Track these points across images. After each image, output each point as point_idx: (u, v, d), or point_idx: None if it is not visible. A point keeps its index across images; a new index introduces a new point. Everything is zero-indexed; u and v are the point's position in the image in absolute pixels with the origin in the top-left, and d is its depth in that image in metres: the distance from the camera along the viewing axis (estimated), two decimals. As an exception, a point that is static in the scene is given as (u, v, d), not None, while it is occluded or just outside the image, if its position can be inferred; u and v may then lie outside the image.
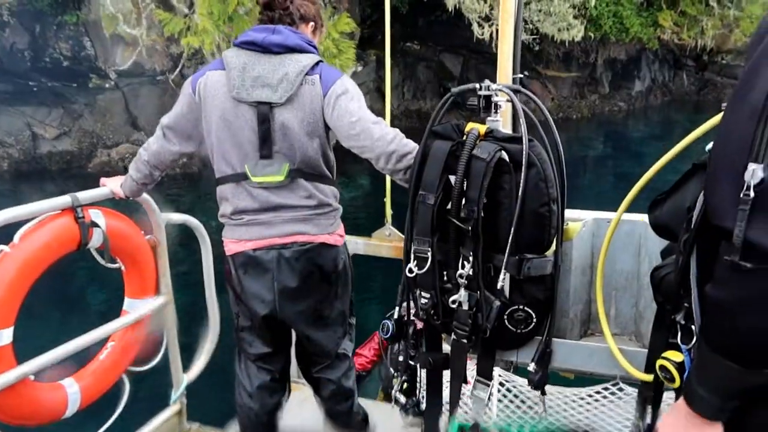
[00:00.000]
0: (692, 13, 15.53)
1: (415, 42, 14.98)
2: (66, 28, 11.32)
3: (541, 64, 15.92)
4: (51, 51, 11.51)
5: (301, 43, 1.92)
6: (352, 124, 1.86)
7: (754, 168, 0.86)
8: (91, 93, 11.93)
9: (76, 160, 12.06)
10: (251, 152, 1.92)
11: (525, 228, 1.60)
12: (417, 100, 15.08)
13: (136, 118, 12.31)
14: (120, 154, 11.88)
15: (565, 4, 12.57)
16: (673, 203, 1.43)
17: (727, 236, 0.90)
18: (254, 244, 1.99)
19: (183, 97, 2.00)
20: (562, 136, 1.70)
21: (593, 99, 17.34)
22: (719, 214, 0.93)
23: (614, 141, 15.52)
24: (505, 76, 2.47)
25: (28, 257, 1.86)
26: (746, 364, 0.93)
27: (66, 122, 12.13)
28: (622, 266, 2.01)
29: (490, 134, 1.68)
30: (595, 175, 12.76)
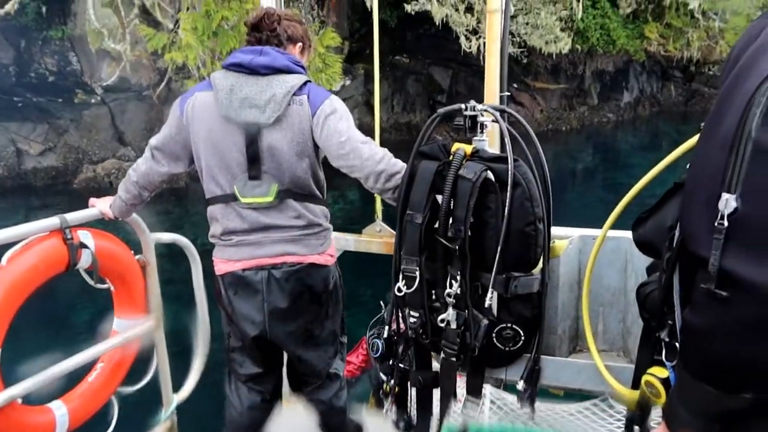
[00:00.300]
0: (678, 25, 15.84)
1: (404, 55, 15.13)
2: (51, 43, 11.34)
3: (529, 76, 16.13)
4: (36, 66, 11.50)
5: (289, 63, 1.95)
6: (341, 144, 1.89)
7: (727, 198, 0.88)
8: (76, 108, 11.92)
9: (61, 175, 12.00)
10: (240, 173, 1.94)
11: (511, 247, 1.64)
12: (407, 113, 15.19)
13: (123, 134, 12.29)
14: (106, 169, 11.84)
15: (552, 17, 12.78)
16: (656, 221, 1.48)
17: (703, 264, 0.91)
18: (243, 264, 2.00)
19: (171, 119, 2.02)
20: (551, 148, 1.76)
21: (582, 110, 17.57)
22: (695, 242, 0.95)
23: (603, 152, 15.71)
24: (493, 94, 2.51)
25: (15, 279, 1.85)
26: (723, 388, 0.95)
27: (51, 138, 12.09)
28: (609, 282, 2.05)
29: (476, 154, 1.73)
30: (584, 187, 12.91)
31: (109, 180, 11.72)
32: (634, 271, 1.97)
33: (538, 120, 16.60)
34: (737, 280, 0.87)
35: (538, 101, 16.92)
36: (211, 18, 8.42)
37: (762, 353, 0.88)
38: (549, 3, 12.95)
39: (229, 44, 8.51)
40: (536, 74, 16.24)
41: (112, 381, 2.31)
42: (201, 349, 2.63)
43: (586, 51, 15.14)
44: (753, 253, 0.86)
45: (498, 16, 2.38)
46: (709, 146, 0.97)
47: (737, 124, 0.90)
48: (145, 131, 12.25)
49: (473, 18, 11.96)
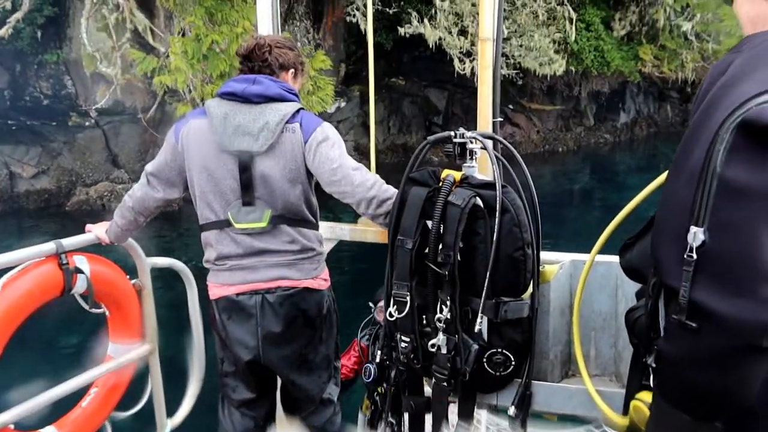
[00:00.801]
0: (672, 47, 16.12)
1: (399, 77, 15.33)
2: (47, 67, 11.49)
3: (525, 97, 16.34)
4: (31, 90, 11.64)
5: (282, 92, 2.01)
6: (333, 170, 1.95)
7: (695, 231, 0.91)
8: (70, 131, 12.02)
9: (54, 198, 12.04)
10: (233, 200, 1.99)
11: (501, 272, 1.68)
12: (403, 134, 15.33)
13: (117, 156, 12.37)
14: (98, 192, 11.88)
15: (545, 39, 12.99)
16: (641, 247, 1.51)
17: (673, 294, 0.95)
18: (237, 289, 2.04)
19: (167, 146, 2.08)
20: (547, 169, 1.80)
21: (579, 131, 17.75)
22: (665, 273, 0.99)
23: (600, 173, 15.83)
24: (486, 120, 2.56)
25: (10, 305, 1.89)
26: (696, 416, 0.98)
27: (44, 161, 12.15)
28: (599, 307, 2.08)
29: (466, 181, 1.78)
30: (581, 208, 12.96)
31: (101, 203, 11.76)
32: (625, 295, 2.00)
33: (535, 141, 16.77)
34: (707, 311, 0.90)
35: (534, 122, 17.11)
36: (201, 42, 8.55)
37: (731, 382, 0.91)
38: (542, 25, 13.18)
39: (219, 67, 8.64)
40: (532, 95, 16.46)
41: (105, 406, 2.33)
42: (196, 374, 2.64)
43: (581, 72, 15.36)
44: (721, 285, 0.89)
45: (490, 45, 2.44)
46: (677, 180, 1.01)
47: (703, 159, 0.93)
48: (139, 153, 12.33)
49: (467, 41, 12.16)
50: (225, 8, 8.62)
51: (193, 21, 8.69)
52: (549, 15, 13.20)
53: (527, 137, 16.67)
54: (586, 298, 2.02)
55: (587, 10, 14.74)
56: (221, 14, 8.60)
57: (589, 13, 14.74)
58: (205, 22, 8.60)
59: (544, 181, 13.81)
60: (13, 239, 10.01)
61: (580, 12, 14.57)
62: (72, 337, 6.63)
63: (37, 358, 6.02)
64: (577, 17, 14.18)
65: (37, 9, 10.67)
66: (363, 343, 2.96)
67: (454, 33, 12.06)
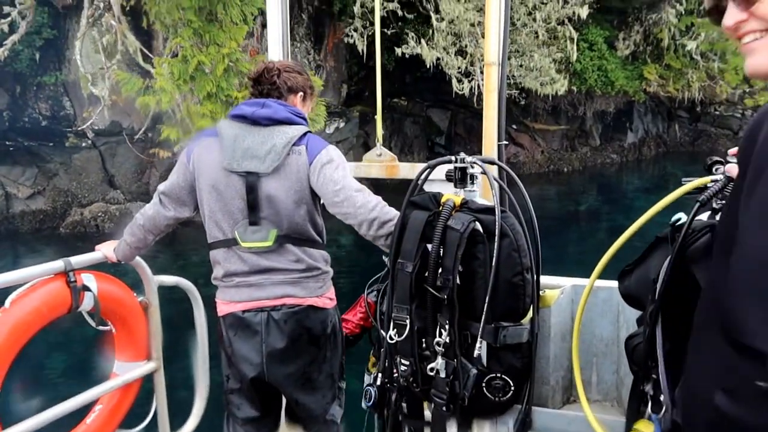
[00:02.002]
0: (677, 66, 16.33)
1: (402, 98, 15.54)
2: (46, 88, 11.71)
3: (528, 117, 16.51)
4: (30, 111, 11.85)
5: (290, 115, 2.11)
6: (335, 192, 2.03)
7: None
8: (66, 152, 12.18)
9: (49, 219, 12.15)
10: (240, 219, 2.08)
11: (500, 297, 1.72)
12: (405, 155, 15.47)
13: (113, 177, 12.50)
14: (92, 212, 11.99)
15: (545, 59, 13.17)
16: (640, 274, 1.56)
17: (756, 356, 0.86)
18: (243, 306, 2.11)
19: (179, 166, 2.18)
20: (552, 190, 1.86)
21: (584, 151, 17.87)
22: (745, 332, 0.90)
23: (607, 194, 15.87)
24: (491, 144, 2.58)
25: (17, 322, 1.95)
26: None
27: (40, 181, 12.30)
28: (601, 332, 2.12)
29: (465, 205, 1.83)
30: (586, 229, 12.93)
31: (95, 224, 11.85)
32: (626, 321, 2.04)
33: (539, 161, 16.88)
34: None
35: (538, 142, 17.25)
36: (188, 62, 8.69)
37: None
38: (543, 45, 13.37)
39: (206, 88, 8.76)
40: (535, 115, 16.63)
41: (110, 423, 2.37)
42: (201, 392, 2.68)
43: (585, 92, 15.54)
44: None
45: (495, 69, 2.49)
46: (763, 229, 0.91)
47: None
48: (136, 174, 12.45)
49: (465, 60, 12.34)
50: (213, 29, 8.77)
51: (180, 42, 8.85)
52: (550, 35, 13.41)
53: (531, 157, 16.80)
54: (588, 323, 2.06)
55: (590, 30, 14.97)
56: (209, 35, 8.75)
57: (592, 33, 14.97)
58: (194, 44, 8.75)
59: (548, 202, 13.87)
60: (6, 260, 10.08)
61: (583, 32, 14.80)
62: (78, 354, 6.69)
63: (42, 374, 6.07)
64: (579, 37, 14.41)
65: (36, 31, 10.92)
66: (370, 299, 3.04)
67: (452, 53, 12.24)
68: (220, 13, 8.66)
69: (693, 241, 1.35)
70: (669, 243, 1.44)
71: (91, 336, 2.53)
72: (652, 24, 15.83)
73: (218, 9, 8.62)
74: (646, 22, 15.91)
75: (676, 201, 1.60)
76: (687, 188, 1.55)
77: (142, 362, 2.46)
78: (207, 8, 8.64)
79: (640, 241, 1.65)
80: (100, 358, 2.48)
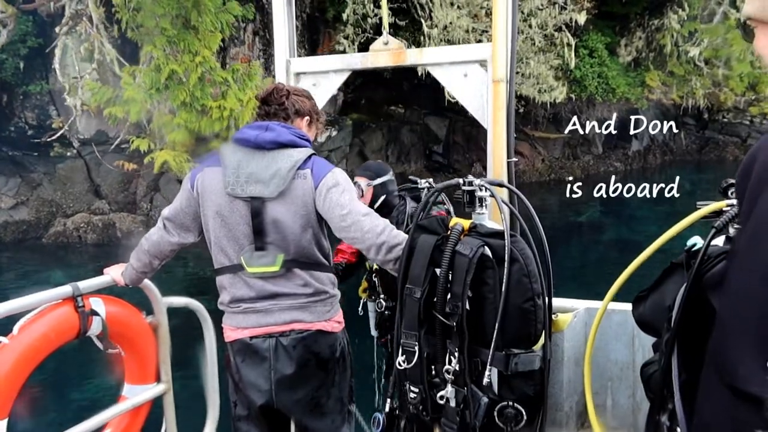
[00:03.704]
0: (680, 73, 16.48)
1: (399, 105, 15.62)
2: (32, 97, 11.74)
3: (528, 125, 16.60)
4: (17, 120, 11.88)
5: (294, 138, 2.13)
6: (342, 216, 2.05)
7: None
8: (51, 161, 12.17)
9: (33, 229, 12.13)
10: (246, 244, 2.10)
11: (510, 323, 1.74)
12: (401, 163, 15.53)
13: (99, 186, 12.49)
14: (75, 223, 11.97)
15: (542, 66, 13.25)
16: (654, 301, 1.58)
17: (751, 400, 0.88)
18: (251, 332, 2.14)
19: (182, 192, 2.21)
20: (553, 199, 1.88)
21: (587, 160, 17.96)
22: (743, 379, 0.91)
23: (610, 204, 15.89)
24: (500, 162, 2.61)
25: (25, 349, 1.99)
26: None
27: (24, 191, 12.28)
28: (616, 356, 2.14)
29: (474, 229, 1.86)
30: (588, 241, 12.94)
31: (78, 234, 11.83)
32: (642, 345, 2.06)
33: (539, 170, 16.96)
34: None
35: (539, 150, 17.35)
36: (160, 71, 8.70)
37: None
38: (540, 52, 13.46)
39: (180, 97, 8.77)
40: (536, 123, 16.72)
41: (119, 448, 2.38)
42: (211, 415, 2.70)
43: (586, 99, 15.64)
44: None
45: (503, 86, 2.53)
46: (751, 276, 0.94)
47: None
48: (122, 184, 12.44)
49: None
50: (188, 37, 8.79)
51: (152, 50, 8.87)
52: (547, 41, 13.51)
53: (532, 166, 16.88)
54: (602, 347, 2.09)
55: (590, 36, 15.10)
56: (184, 43, 8.76)
57: (593, 39, 15.10)
58: (168, 52, 8.77)
59: (549, 213, 13.90)
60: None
61: (583, 38, 14.93)
62: (87, 377, 6.72)
63: (51, 398, 6.08)
64: (579, 43, 14.53)
65: (21, 40, 10.96)
66: None
67: None
68: (194, 20, 8.67)
69: (709, 268, 1.37)
70: (684, 269, 1.46)
71: (99, 359, 2.56)
72: (654, 30, 16.00)
73: (193, 16, 8.63)
74: (649, 28, 16.08)
75: None
76: (703, 212, 1.57)
77: (152, 385, 2.50)
78: (182, 16, 8.67)
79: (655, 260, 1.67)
80: (109, 381, 2.51)
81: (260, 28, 11.40)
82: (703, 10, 15.62)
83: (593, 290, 2.14)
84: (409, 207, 3.46)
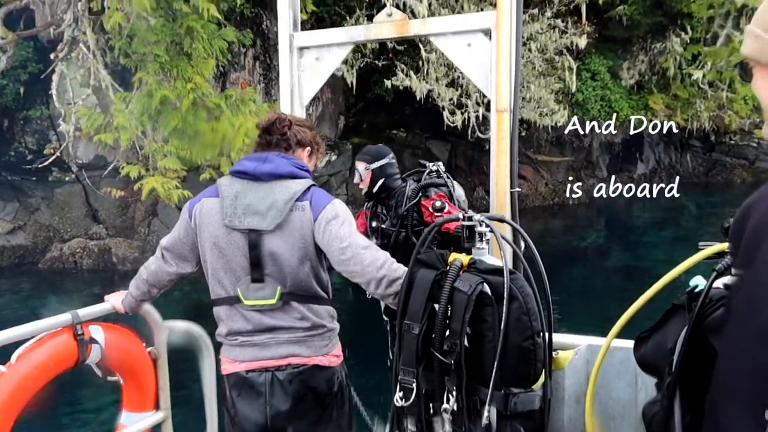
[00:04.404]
0: (684, 96, 16.60)
1: (401, 129, 15.74)
2: (33, 122, 11.90)
3: (531, 148, 16.67)
4: (17, 145, 12.02)
5: (293, 169, 2.15)
6: (342, 249, 2.05)
7: None
8: (49, 186, 12.26)
9: (29, 254, 12.16)
10: (243, 276, 2.11)
11: (509, 361, 1.74)
12: (403, 187, 15.57)
13: (97, 211, 12.54)
14: (71, 248, 11.98)
15: (542, 89, 13.35)
16: (656, 342, 1.58)
17: None
18: (247, 366, 2.14)
19: (180, 222, 2.23)
20: (557, 223, 1.88)
21: (591, 183, 17.98)
22: None
23: (614, 228, 15.84)
24: (503, 191, 2.60)
25: (23, 378, 2.00)
26: None
27: (21, 216, 12.34)
28: (618, 394, 2.12)
29: (473, 265, 1.86)
30: (592, 267, 12.80)
31: (74, 260, 11.84)
32: (644, 383, 2.04)
33: (543, 193, 16.99)
34: None
35: (542, 174, 17.40)
36: (152, 97, 8.79)
37: None
38: (540, 76, 13.58)
39: (172, 123, 8.83)
40: (538, 146, 16.79)
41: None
42: None
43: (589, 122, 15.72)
44: None
45: (507, 116, 2.52)
46: (746, 337, 0.93)
47: None
48: (120, 209, 12.49)
49: (456, 92, 12.52)
50: (181, 63, 8.90)
51: (144, 76, 8.97)
52: (547, 65, 13.64)
53: (534, 190, 16.92)
54: (604, 385, 2.07)
55: (593, 59, 15.25)
56: (177, 69, 8.86)
57: (595, 62, 15.25)
58: (161, 78, 8.86)
59: (552, 237, 13.83)
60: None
61: (585, 61, 15.08)
62: (85, 405, 6.69)
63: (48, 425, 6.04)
64: (582, 66, 14.67)
65: (22, 66, 11.13)
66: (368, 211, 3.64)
67: (443, 83, 12.42)
68: (187, 47, 8.78)
69: (710, 312, 1.37)
70: (686, 311, 1.46)
71: (97, 385, 2.58)
72: (657, 53, 16.15)
73: (186, 43, 8.74)
74: (651, 51, 16.23)
75: None
76: (706, 253, 1.57)
77: (150, 412, 2.50)
78: (176, 42, 8.78)
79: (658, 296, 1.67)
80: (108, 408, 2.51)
81: (261, 53, 11.55)
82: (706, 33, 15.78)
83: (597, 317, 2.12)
84: (409, 189, 3.49)
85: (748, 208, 1.01)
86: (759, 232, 0.94)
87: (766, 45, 1.08)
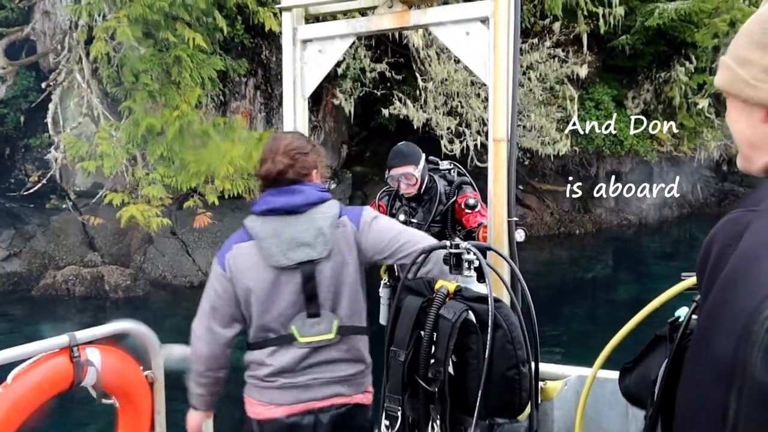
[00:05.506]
0: (690, 125, 16.70)
1: (402, 158, 15.78)
2: (34, 150, 12.08)
3: (536, 177, 16.73)
4: (17, 173, 12.19)
5: (322, 194, 2.20)
6: (395, 237, 2.16)
7: None
8: (45, 213, 12.38)
9: (24, 281, 12.23)
10: (295, 313, 2.12)
11: (494, 391, 1.76)
12: (405, 216, 15.60)
13: (93, 238, 12.61)
14: (65, 276, 12.02)
15: (542, 118, 13.44)
16: (640, 373, 1.60)
17: None
18: (288, 410, 2.12)
19: (214, 278, 2.19)
20: (564, 254, 1.90)
21: (599, 213, 17.94)
22: None
23: (622, 260, 15.74)
24: (500, 220, 2.62)
25: (18, 399, 2.05)
26: None
27: (17, 243, 12.44)
28: (608, 426, 2.13)
29: (459, 293, 1.90)
30: (599, 299, 12.72)
31: (66, 287, 11.85)
32: (635, 415, 2.05)
33: (548, 223, 16.97)
34: None
35: (547, 203, 17.41)
36: (139, 126, 8.93)
37: None
38: (541, 105, 13.68)
39: (157, 152, 8.95)
40: (543, 176, 16.84)
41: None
42: None
43: (594, 151, 15.80)
44: None
45: (504, 145, 2.56)
46: (701, 372, 0.93)
47: (732, 356, 0.83)
48: (117, 236, 12.56)
49: (455, 121, 12.65)
50: (170, 91, 9.04)
51: (131, 105, 9.13)
52: (548, 93, 13.77)
53: (540, 219, 16.92)
54: (595, 417, 2.09)
55: (596, 89, 15.40)
56: (165, 98, 9.01)
57: (598, 92, 15.39)
58: (148, 107, 9.03)
59: (557, 268, 13.76)
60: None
61: (589, 90, 15.23)
62: (80, 428, 6.67)
63: None
64: (585, 95, 14.80)
65: (23, 95, 11.35)
66: (382, 203, 3.79)
67: (441, 112, 12.56)
68: (175, 75, 8.96)
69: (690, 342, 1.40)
70: (668, 342, 1.49)
71: (94, 409, 2.60)
72: (662, 82, 16.31)
73: (173, 71, 8.92)
74: (656, 80, 16.40)
75: None
76: (686, 284, 1.60)
77: None
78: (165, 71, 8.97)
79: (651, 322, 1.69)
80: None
81: (262, 83, 11.73)
82: (711, 62, 15.96)
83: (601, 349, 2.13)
84: (441, 185, 3.65)
85: (711, 240, 1.03)
86: (717, 264, 0.95)
87: (735, 76, 1.10)
